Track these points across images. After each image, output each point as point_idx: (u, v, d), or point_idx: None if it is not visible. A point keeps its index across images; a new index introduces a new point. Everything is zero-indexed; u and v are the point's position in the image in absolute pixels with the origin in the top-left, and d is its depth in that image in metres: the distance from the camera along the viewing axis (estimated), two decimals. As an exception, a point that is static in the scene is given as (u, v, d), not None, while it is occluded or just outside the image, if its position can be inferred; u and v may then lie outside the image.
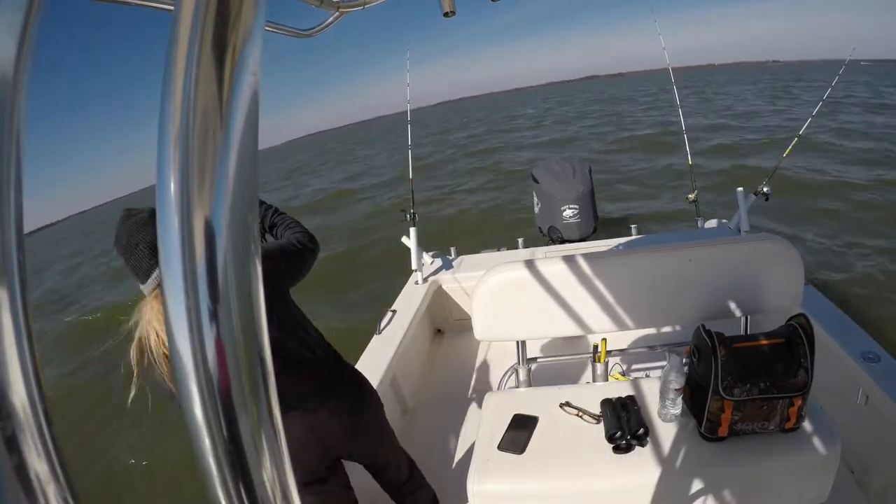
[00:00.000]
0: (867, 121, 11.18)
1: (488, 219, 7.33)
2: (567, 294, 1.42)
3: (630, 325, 1.45)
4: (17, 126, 0.20)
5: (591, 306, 1.43)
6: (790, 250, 1.36)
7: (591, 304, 1.43)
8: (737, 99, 20.31)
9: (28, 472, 0.18)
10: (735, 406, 1.10)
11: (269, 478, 0.19)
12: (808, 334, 1.11)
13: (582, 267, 1.42)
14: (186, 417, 0.18)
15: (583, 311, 1.44)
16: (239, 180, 0.18)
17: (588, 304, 1.43)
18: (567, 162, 3.32)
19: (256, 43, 0.18)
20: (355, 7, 0.86)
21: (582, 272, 1.42)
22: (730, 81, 33.07)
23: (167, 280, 0.18)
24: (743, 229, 2.48)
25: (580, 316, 1.44)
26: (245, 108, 0.18)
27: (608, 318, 1.44)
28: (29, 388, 0.19)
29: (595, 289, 1.42)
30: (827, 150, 8.53)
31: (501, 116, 29.41)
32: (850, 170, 7.41)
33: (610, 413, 1.26)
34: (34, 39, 0.20)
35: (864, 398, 1.46)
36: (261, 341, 0.19)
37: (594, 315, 1.44)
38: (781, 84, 26.69)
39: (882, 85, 20.38)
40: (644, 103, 23.26)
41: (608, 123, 17.05)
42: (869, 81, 21.95)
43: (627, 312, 1.45)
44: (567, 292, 1.42)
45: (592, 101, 30.76)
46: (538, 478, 1.19)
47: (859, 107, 13.22)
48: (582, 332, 1.47)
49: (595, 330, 1.47)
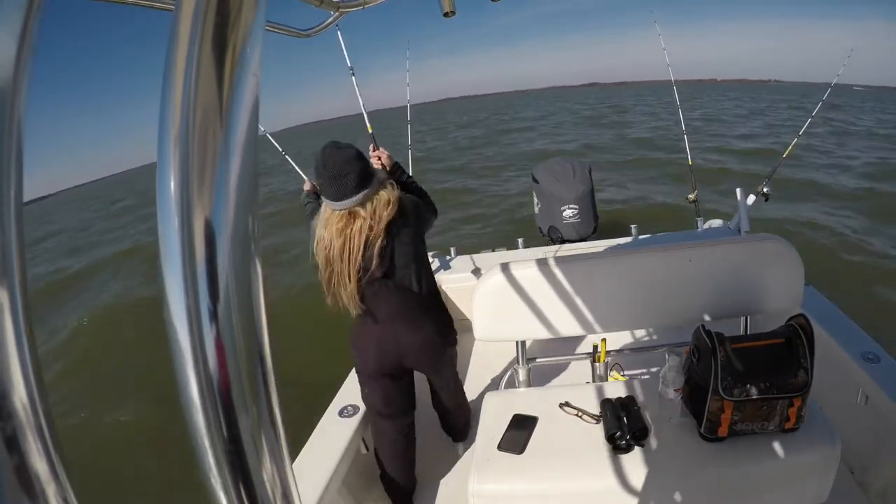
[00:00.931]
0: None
1: (488, 219, 7.33)
2: (567, 294, 1.42)
3: (630, 325, 1.45)
4: (17, 126, 0.20)
5: (591, 306, 1.43)
6: (790, 251, 1.36)
7: (591, 304, 1.43)
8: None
9: (28, 472, 0.18)
10: (735, 406, 1.10)
11: (269, 478, 0.19)
12: (808, 334, 1.11)
13: (582, 267, 1.42)
14: (186, 417, 0.18)
15: (583, 311, 1.44)
16: (239, 180, 0.18)
17: (588, 304, 1.43)
18: (567, 162, 3.32)
19: (256, 43, 0.18)
20: (355, 7, 0.86)
21: (582, 272, 1.42)
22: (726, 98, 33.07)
23: (167, 280, 0.18)
24: (743, 229, 2.48)
25: (580, 316, 1.44)
26: (245, 108, 0.18)
27: (608, 318, 1.44)
28: (29, 388, 0.19)
29: (595, 289, 1.42)
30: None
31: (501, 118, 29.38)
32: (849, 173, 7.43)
33: (610, 413, 1.26)
34: (34, 39, 0.20)
35: (864, 398, 1.46)
36: (261, 341, 0.19)
37: (594, 315, 1.44)
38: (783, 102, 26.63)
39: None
40: (644, 111, 23.26)
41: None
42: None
43: (627, 312, 1.45)
44: (567, 292, 1.42)
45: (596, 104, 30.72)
46: (538, 478, 1.18)
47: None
48: (582, 332, 1.47)
49: (595, 330, 1.46)
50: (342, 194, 1.25)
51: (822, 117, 10.56)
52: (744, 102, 27.29)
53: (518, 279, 1.44)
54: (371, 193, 1.29)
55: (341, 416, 1.62)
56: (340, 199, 1.26)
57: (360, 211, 1.28)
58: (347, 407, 1.65)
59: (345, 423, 1.59)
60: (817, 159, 9.07)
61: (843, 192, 6.96)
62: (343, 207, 1.27)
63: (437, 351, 1.54)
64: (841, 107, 19.49)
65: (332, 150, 1.26)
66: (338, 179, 1.24)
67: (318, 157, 1.27)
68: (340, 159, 1.24)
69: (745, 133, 13.05)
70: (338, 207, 1.27)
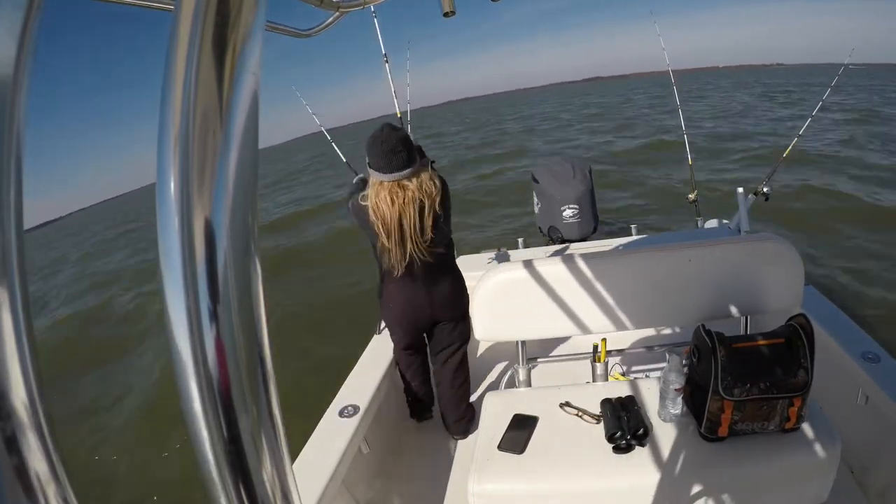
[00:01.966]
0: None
1: (489, 219, 7.33)
2: (567, 294, 1.42)
3: (630, 325, 1.45)
4: (17, 126, 0.20)
5: (591, 306, 1.43)
6: (790, 250, 1.36)
7: (591, 304, 1.43)
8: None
9: (28, 472, 0.18)
10: (735, 406, 1.10)
11: (269, 478, 0.19)
12: (808, 334, 1.10)
13: (582, 267, 1.42)
14: (186, 417, 0.18)
15: (583, 311, 1.44)
16: (239, 180, 0.18)
17: (588, 304, 1.43)
18: (567, 162, 3.33)
19: (256, 43, 0.18)
20: (355, 7, 0.86)
21: (582, 272, 1.42)
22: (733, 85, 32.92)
23: (167, 280, 0.18)
24: (743, 229, 2.48)
25: (580, 316, 1.44)
26: (245, 108, 0.18)
27: (608, 318, 1.44)
28: (29, 388, 0.19)
29: (595, 289, 1.42)
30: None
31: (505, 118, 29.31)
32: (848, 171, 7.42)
33: (610, 413, 1.26)
34: (34, 39, 0.20)
35: (864, 398, 1.46)
36: (261, 341, 0.19)
37: (594, 315, 1.44)
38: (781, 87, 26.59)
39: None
40: (646, 104, 23.22)
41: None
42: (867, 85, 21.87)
43: (627, 312, 1.45)
44: (567, 292, 1.42)
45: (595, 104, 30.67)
46: (538, 478, 1.18)
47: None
48: (582, 332, 1.47)
49: (595, 330, 1.46)
50: (395, 167, 1.50)
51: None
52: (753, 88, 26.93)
53: (518, 279, 1.44)
54: (418, 169, 1.55)
55: (341, 416, 1.62)
56: (393, 172, 1.50)
57: (408, 184, 1.53)
58: (347, 407, 1.65)
59: (345, 423, 1.59)
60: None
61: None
62: (394, 179, 1.51)
63: (456, 299, 1.77)
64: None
65: (389, 130, 1.53)
66: (392, 154, 1.49)
67: (375, 135, 1.53)
68: (395, 138, 1.51)
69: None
70: (388, 179, 1.51)
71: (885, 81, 24.39)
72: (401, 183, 1.52)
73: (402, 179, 1.52)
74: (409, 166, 1.52)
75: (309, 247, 7.62)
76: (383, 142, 1.49)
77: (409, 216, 1.53)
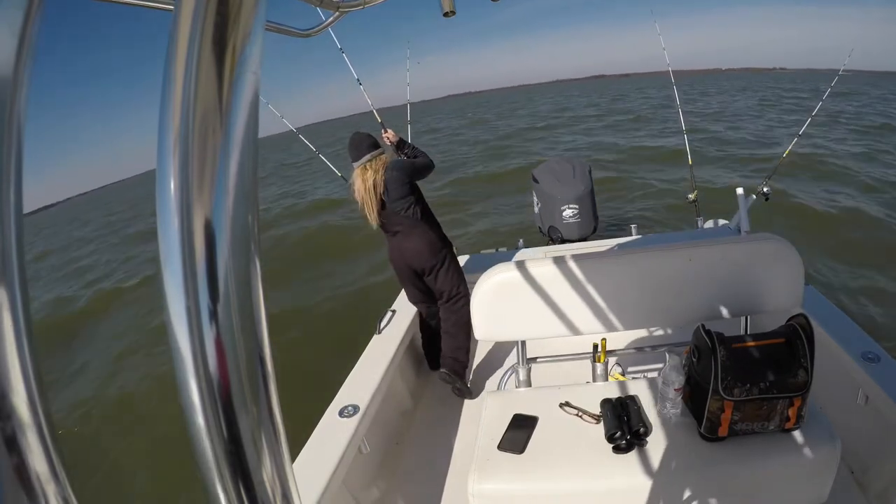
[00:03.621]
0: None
1: (489, 219, 7.33)
2: (567, 294, 1.42)
3: (630, 325, 1.45)
4: (17, 126, 0.20)
5: (591, 306, 1.43)
6: (790, 250, 1.36)
7: (591, 304, 1.43)
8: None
9: (28, 472, 0.18)
10: (735, 406, 1.10)
11: (269, 478, 0.19)
12: (808, 334, 1.10)
13: (582, 267, 1.42)
14: (186, 417, 0.18)
15: (582, 311, 1.44)
16: (239, 180, 0.18)
17: (588, 304, 1.43)
18: (567, 162, 3.32)
19: (256, 43, 0.18)
20: (355, 7, 0.86)
21: (582, 272, 1.42)
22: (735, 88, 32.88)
23: (167, 280, 0.18)
24: (743, 229, 2.48)
25: (580, 316, 1.44)
26: (245, 108, 0.18)
27: (608, 318, 1.44)
28: (29, 388, 0.19)
29: (595, 289, 1.42)
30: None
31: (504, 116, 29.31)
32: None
33: (610, 413, 1.26)
34: (34, 39, 0.20)
35: (864, 398, 1.46)
36: (261, 341, 0.19)
37: (594, 315, 1.44)
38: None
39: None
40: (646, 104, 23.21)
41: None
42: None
43: (627, 312, 1.45)
44: (567, 292, 1.42)
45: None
46: (538, 478, 1.18)
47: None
48: (582, 332, 1.47)
49: (595, 330, 1.46)
50: (358, 157, 2.10)
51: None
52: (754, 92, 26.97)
53: (518, 279, 1.44)
54: (373, 156, 2.11)
55: (341, 416, 1.62)
56: (358, 160, 2.10)
57: (367, 166, 2.09)
58: (347, 407, 1.65)
59: (345, 423, 1.58)
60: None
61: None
62: (359, 164, 2.10)
63: (429, 251, 2.18)
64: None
65: (357, 133, 2.16)
66: (357, 149, 2.10)
67: (350, 137, 2.15)
68: (359, 137, 2.13)
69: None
70: (356, 165, 2.11)
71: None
72: (364, 166, 2.10)
73: (364, 164, 2.10)
74: (367, 154, 2.10)
75: (309, 246, 7.62)
76: (352, 141, 2.13)
77: (370, 189, 2.08)
